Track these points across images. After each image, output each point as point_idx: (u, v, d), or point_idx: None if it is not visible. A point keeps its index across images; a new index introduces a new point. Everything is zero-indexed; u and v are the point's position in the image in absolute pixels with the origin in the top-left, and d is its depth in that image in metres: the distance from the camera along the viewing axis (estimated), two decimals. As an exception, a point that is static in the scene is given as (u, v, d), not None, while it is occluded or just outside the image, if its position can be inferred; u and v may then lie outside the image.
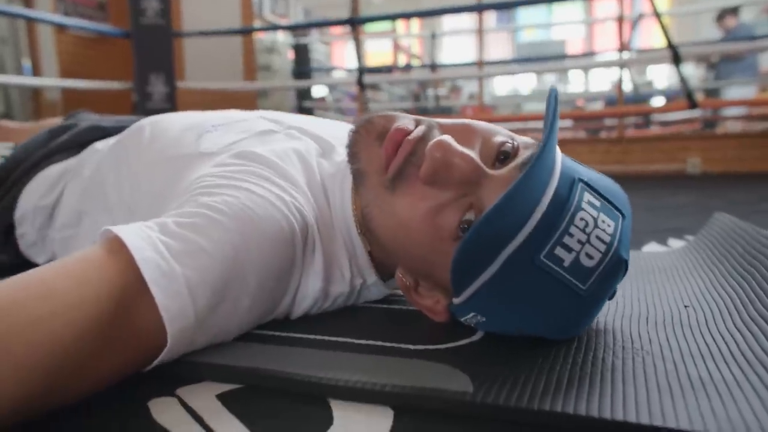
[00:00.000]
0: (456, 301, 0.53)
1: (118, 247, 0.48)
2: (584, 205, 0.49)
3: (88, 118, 1.07)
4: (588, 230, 0.49)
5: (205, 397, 0.46)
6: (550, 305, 0.50)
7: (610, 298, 0.56)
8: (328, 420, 0.42)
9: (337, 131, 0.75)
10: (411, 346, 0.53)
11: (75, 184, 0.84)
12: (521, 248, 0.47)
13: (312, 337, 0.57)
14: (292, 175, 0.63)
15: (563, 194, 0.49)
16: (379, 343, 0.54)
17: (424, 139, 0.54)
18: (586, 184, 0.51)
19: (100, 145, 0.88)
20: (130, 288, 0.46)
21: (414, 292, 0.59)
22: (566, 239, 0.48)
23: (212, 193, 0.56)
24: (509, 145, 0.54)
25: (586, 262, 0.48)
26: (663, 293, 0.69)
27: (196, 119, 0.78)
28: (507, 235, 0.47)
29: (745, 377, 0.44)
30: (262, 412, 0.44)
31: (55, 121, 1.18)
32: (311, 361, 0.50)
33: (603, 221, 0.50)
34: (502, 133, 0.56)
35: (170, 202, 0.62)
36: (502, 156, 0.54)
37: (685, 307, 0.63)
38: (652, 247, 1.11)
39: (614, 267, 0.50)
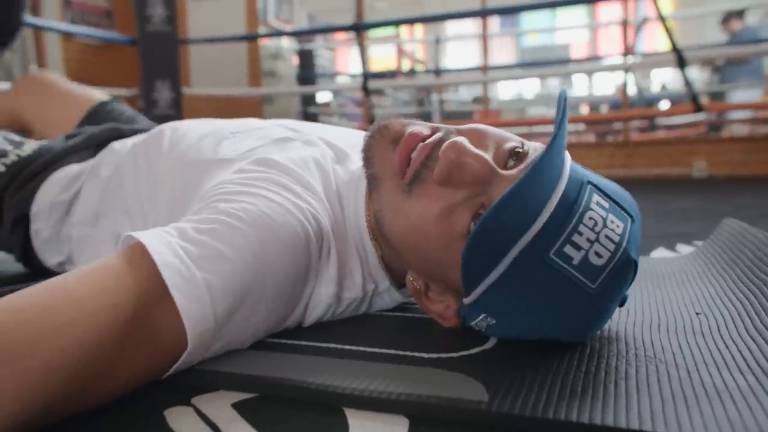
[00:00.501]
0: (466, 301, 0.54)
1: (140, 253, 0.49)
2: (593, 206, 0.50)
3: (111, 116, 1.09)
4: (597, 229, 0.49)
5: (220, 405, 0.47)
6: (559, 304, 0.51)
7: (621, 305, 0.56)
8: (344, 428, 0.42)
9: (351, 138, 0.76)
10: (425, 355, 0.54)
11: (93, 183, 0.85)
12: (531, 245, 0.48)
13: (326, 345, 0.57)
14: (309, 182, 0.63)
15: (572, 194, 0.50)
16: (393, 351, 0.55)
17: (440, 143, 0.55)
18: (595, 186, 0.52)
19: (118, 146, 0.89)
20: (151, 293, 0.47)
21: (425, 297, 0.60)
22: (575, 237, 0.48)
23: (230, 200, 0.57)
24: (520, 149, 0.55)
25: (596, 261, 0.49)
26: (674, 300, 0.69)
27: (214, 126, 0.80)
28: (516, 232, 0.48)
29: (761, 385, 0.44)
30: (277, 421, 0.44)
31: (91, 93, 1.21)
32: (326, 369, 0.50)
33: (612, 221, 0.50)
34: (514, 139, 0.57)
35: (188, 207, 0.63)
36: (514, 158, 0.55)
37: (697, 314, 0.63)
38: (660, 253, 1.11)
39: (623, 266, 0.51)
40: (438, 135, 0.57)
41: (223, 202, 0.56)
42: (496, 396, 0.44)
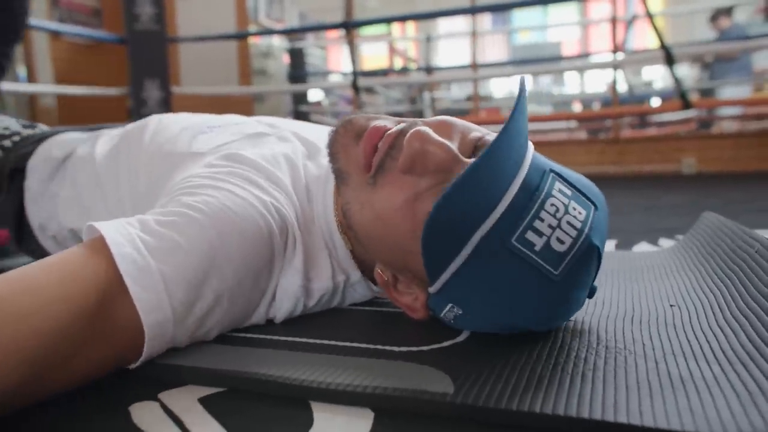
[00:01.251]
0: (432, 290, 0.54)
1: (100, 244, 0.49)
2: (555, 192, 0.51)
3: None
4: (558, 216, 0.49)
5: (186, 400, 0.46)
6: (523, 292, 0.50)
7: (590, 296, 0.56)
8: (309, 422, 0.42)
9: (325, 134, 0.75)
10: (395, 348, 0.53)
11: (84, 156, 0.86)
12: (492, 231, 0.48)
13: (295, 339, 0.57)
14: (277, 177, 0.64)
15: (534, 181, 0.50)
16: (364, 345, 0.55)
17: (403, 133, 0.55)
18: (558, 174, 0.53)
19: (113, 131, 0.91)
20: (110, 283, 0.47)
21: (393, 290, 0.60)
22: (537, 223, 0.49)
23: (194, 193, 0.57)
24: (485, 139, 0.56)
25: (558, 247, 0.49)
26: (649, 292, 0.70)
27: (195, 120, 0.81)
28: (477, 218, 0.49)
29: (725, 375, 0.44)
30: (243, 415, 0.44)
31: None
32: (293, 363, 0.50)
33: (574, 208, 0.51)
34: (479, 130, 0.57)
35: (157, 198, 0.64)
36: (481, 148, 0.55)
37: (671, 306, 0.63)
38: (642, 247, 1.11)
39: (586, 253, 0.51)
40: (402, 125, 0.57)
41: (187, 196, 0.57)
42: (462, 388, 0.44)
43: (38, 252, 0.93)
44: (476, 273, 0.50)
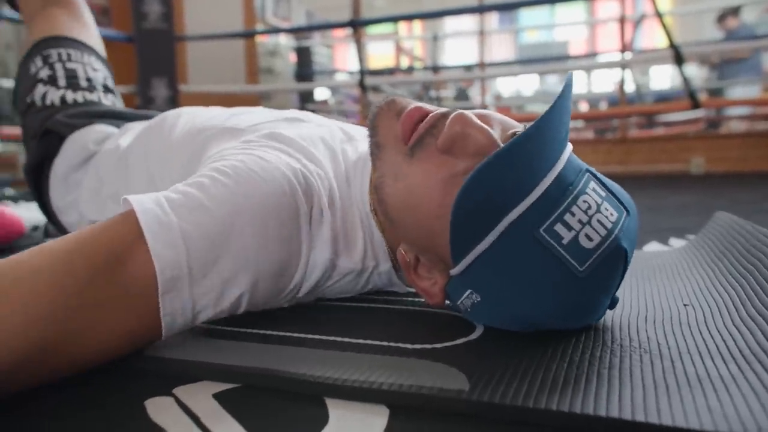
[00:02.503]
0: (453, 272, 0.54)
1: (125, 212, 0.51)
2: (588, 191, 0.51)
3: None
4: (590, 213, 0.50)
5: (201, 396, 0.46)
6: (545, 284, 0.50)
7: (611, 307, 0.56)
8: (324, 419, 0.42)
9: (357, 129, 0.79)
10: (409, 345, 0.53)
11: (109, 150, 0.91)
12: (521, 218, 0.49)
13: (310, 336, 0.57)
14: (314, 155, 0.65)
15: (569, 176, 0.50)
16: (377, 342, 0.54)
17: (445, 116, 0.56)
18: (593, 174, 0.53)
19: (138, 126, 0.95)
20: (130, 238, 0.49)
21: (413, 272, 0.60)
22: (567, 217, 0.49)
23: (224, 158, 0.59)
24: None
25: (585, 243, 0.49)
26: (663, 292, 0.69)
27: (224, 110, 0.84)
28: (509, 203, 0.49)
29: (742, 374, 0.44)
30: (258, 411, 0.44)
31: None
32: (308, 359, 0.50)
33: (606, 209, 0.51)
34: (519, 126, 0.58)
35: (192, 172, 0.65)
36: None
37: (685, 305, 0.63)
38: (653, 247, 1.10)
39: (613, 254, 0.50)
40: (444, 110, 0.58)
41: (217, 162, 0.59)
42: (477, 385, 0.44)
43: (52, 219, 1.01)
44: (500, 259, 0.50)
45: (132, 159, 0.84)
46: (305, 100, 5.27)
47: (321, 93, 5.94)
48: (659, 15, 2.65)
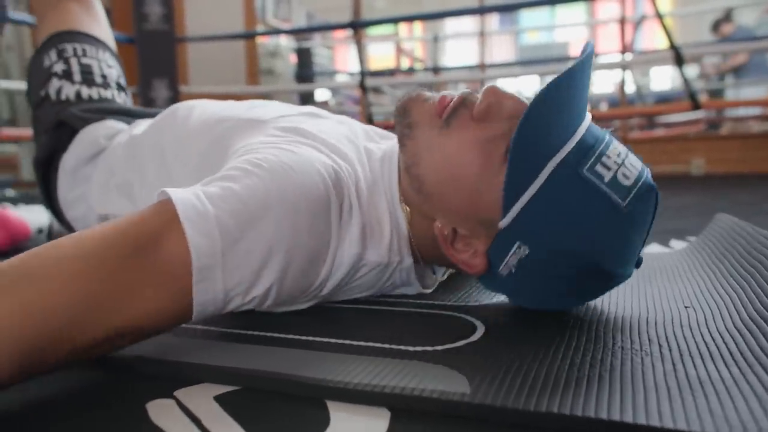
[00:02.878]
0: (503, 224, 0.56)
1: (164, 202, 0.52)
2: (615, 143, 0.57)
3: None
4: (621, 158, 0.55)
5: (202, 399, 0.46)
6: (592, 219, 0.54)
7: (638, 266, 0.59)
8: (325, 421, 0.42)
9: (375, 129, 0.80)
10: (410, 348, 0.53)
11: (120, 143, 0.92)
12: (566, 160, 0.53)
13: (311, 338, 0.57)
14: (341, 150, 0.66)
15: (597, 131, 0.57)
16: (379, 344, 0.54)
17: (472, 93, 0.61)
18: (613, 135, 0.59)
19: (143, 121, 0.96)
20: (166, 225, 0.49)
21: (451, 246, 0.62)
22: (604, 159, 0.54)
23: (256, 151, 0.60)
24: None
25: (624, 181, 0.54)
26: (663, 294, 0.69)
27: (240, 102, 0.85)
28: (553, 145, 0.53)
29: (744, 377, 0.44)
30: (259, 414, 0.44)
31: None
32: (309, 362, 0.50)
33: (631, 158, 0.57)
34: None
35: (216, 164, 0.66)
36: None
37: (686, 307, 0.63)
38: (653, 248, 1.10)
39: (647, 191, 0.55)
40: (468, 90, 0.62)
41: (249, 154, 0.60)
42: (479, 388, 0.44)
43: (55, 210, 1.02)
44: (549, 200, 0.54)
45: (144, 148, 0.85)
46: (306, 101, 5.27)
47: (321, 94, 5.94)
48: (659, 16, 2.65)
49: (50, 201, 1.03)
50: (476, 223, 0.59)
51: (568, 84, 0.53)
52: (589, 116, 0.58)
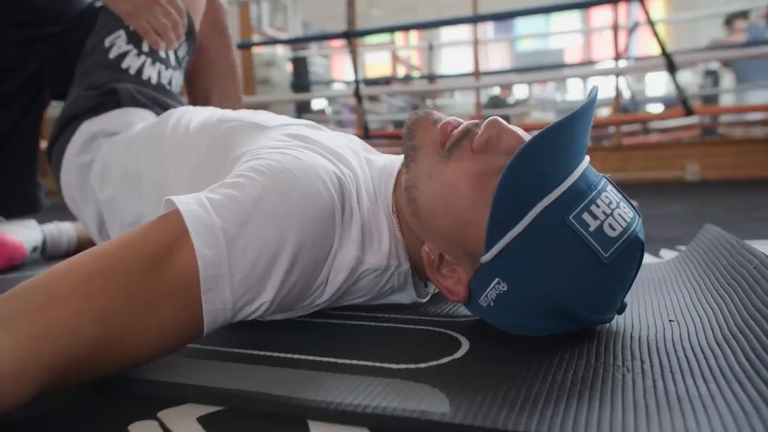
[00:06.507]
0: (484, 259, 0.56)
1: (167, 213, 0.53)
2: (608, 190, 0.57)
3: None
4: (611, 207, 0.55)
5: (185, 420, 0.47)
6: (573, 268, 0.54)
7: (620, 312, 0.59)
8: (306, 442, 0.42)
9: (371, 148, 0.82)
10: (393, 366, 0.54)
11: (117, 144, 0.93)
12: (553, 205, 0.53)
13: (296, 357, 0.57)
14: (344, 157, 0.67)
15: (591, 176, 0.57)
16: (362, 362, 0.55)
17: (477, 125, 0.62)
18: (609, 181, 0.59)
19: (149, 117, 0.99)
20: (175, 237, 0.50)
21: (436, 271, 0.63)
22: (593, 208, 0.54)
23: (259, 158, 0.61)
24: None
25: (609, 232, 0.54)
26: (649, 306, 0.70)
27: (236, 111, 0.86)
28: (543, 190, 0.53)
29: (721, 393, 0.44)
30: (241, 435, 0.44)
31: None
32: (292, 381, 0.50)
33: (623, 208, 0.56)
34: None
35: (218, 166, 0.68)
36: None
37: (670, 321, 0.63)
38: (644, 259, 1.11)
39: (633, 244, 0.55)
40: (475, 120, 0.63)
41: (253, 161, 0.60)
42: (459, 408, 0.44)
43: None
44: (531, 243, 0.54)
45: (148, 142, 0.86)
46: (302, 111, 5.28)
47: (318, 103, 5.96)
48: (651, 23, 2.67)
49: (51, 151, 1.03)
50: (463, 253, 0.60)
51: (568, 128, 0.54)
52: (587, 159, 0.58)
